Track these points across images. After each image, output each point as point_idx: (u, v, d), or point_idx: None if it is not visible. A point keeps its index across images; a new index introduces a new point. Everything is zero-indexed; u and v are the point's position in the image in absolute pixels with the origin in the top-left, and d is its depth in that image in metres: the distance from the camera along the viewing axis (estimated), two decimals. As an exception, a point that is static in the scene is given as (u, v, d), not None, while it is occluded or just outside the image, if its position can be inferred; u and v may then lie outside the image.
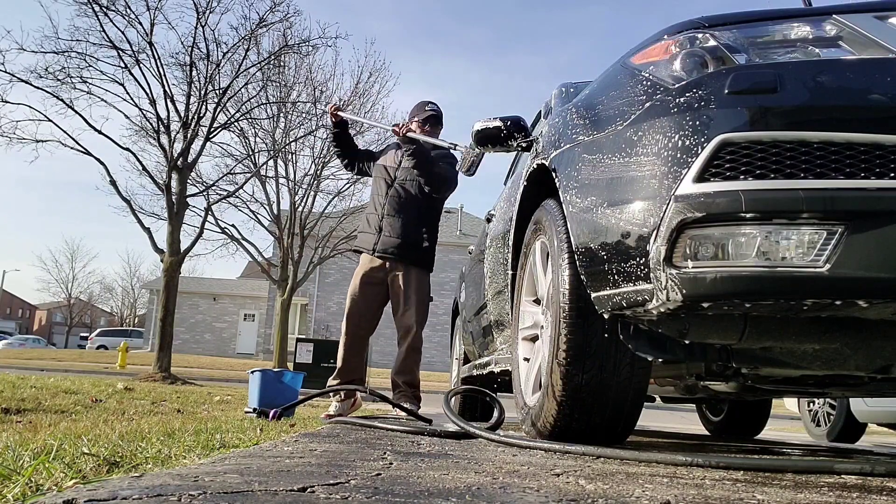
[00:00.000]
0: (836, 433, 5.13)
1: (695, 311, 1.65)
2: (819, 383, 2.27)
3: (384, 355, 26.97)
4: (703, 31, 1.77)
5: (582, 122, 2.06)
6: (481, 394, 3.36)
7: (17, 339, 39.98)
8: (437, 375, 21.21)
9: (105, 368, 16.39)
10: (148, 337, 31.83)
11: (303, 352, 12.47)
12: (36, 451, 1.38)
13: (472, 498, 1.00)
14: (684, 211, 1.57)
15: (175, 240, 12.47)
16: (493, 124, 2.85)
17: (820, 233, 1.48)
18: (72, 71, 11.97)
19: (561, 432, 2.04)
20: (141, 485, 0.95)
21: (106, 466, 1.27)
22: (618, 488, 1.18)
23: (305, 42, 13.98)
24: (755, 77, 1.61)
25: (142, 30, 12.23)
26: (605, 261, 1.79)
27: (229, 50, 13.03)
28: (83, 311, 58.31)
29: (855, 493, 1.30)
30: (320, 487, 1.00)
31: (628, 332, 1.87)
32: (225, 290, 34.16)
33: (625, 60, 2.00)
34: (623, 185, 1.75)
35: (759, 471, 1.58)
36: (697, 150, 1.58)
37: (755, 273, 1.52)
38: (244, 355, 30.15)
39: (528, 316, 2.45)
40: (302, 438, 2.01)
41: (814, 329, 1.69)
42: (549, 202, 2.24)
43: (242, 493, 0.92)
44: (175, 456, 1.47)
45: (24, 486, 0.97)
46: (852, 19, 1.68)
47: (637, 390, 2.00)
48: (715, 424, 4.89)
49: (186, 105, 12.76)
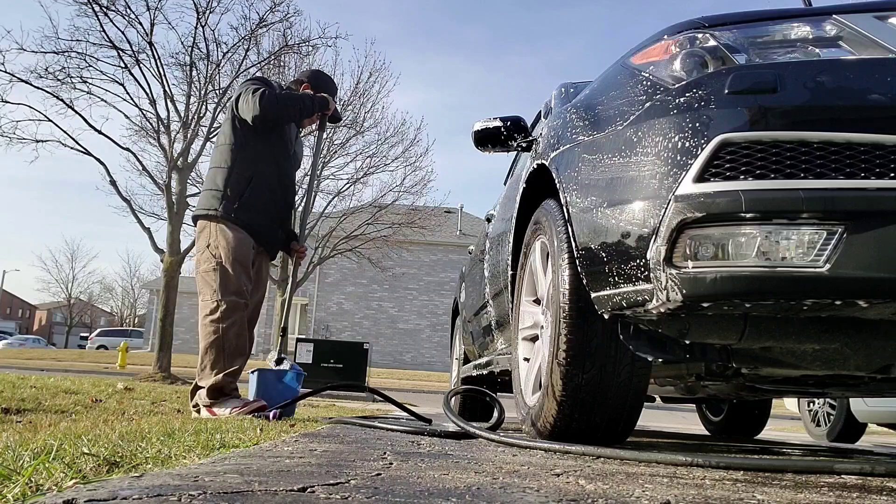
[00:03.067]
0: (836, 433, 5.13)
1: (695, 311, 1.65)
2: (819, 383, 2.27)
3: (384, 355, 27.04)
4: (703, 31, 1.77)
5: (582, 123, 2.06)
6: (481, 394, 3.36)
7: (17, 339, 40.00)
8: (437, 375, 21.21)
9: (105, 368, 16.40)
10: (148, 337, 31.82)
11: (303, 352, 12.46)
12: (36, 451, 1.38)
13: (472, 498, 1.00)
14: (684, 211, 1.57)
15: (175, 240, 12.48)
16: (493, 124, 2.85)
17: (820, 233, 1.48)
18: (72, 71, 12.00)
19: (561, 432, 2.04)
20: (141, 485, 0.95)
21: (106, 466, 1.27)
22: (618, 488, 1.18)
23: (305, 42, 13.99)
24: (755, 77, 1.61)
25: (142, 30, 12.25)
26: (605, 261, 1.79)
27: (229, 50, 13.05)
28: (83, 311, 58.32)
29: (855, 493, 1.30)
30: (320, 487, 1.00)
31: (628, 333, 1.87)
32: (225, 290, 34.10)
33: (625, 60, 2.00)
34: (623, 186, 1.75)
35: (759, 471, 1.58)
36: (697, 150, 1.58)
37: (755, 273, 1.52)
38: (244, 355, 30.12)
39: (528, 316, 2.45)
40: (302, 438, 2.01)
41: (814, 329, 1.69)
42: (549, 202, 2.24)
43: (242, 493, 0.92)
44: (175, 456, 1.47)
45: (24, 486, 0.97)
46: (852, 19, 1.69)
47: (637, 390, 2.00)
48: (715, 424, 4.89)
49: (186, 105, 12.77)
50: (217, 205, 3.27)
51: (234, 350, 3.15)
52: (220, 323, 3.13)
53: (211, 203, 3.29)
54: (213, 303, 3.16)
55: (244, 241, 3.28)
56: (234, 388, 3.16)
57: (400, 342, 28.73)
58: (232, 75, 13.27)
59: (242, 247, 3.26)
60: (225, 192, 3.27)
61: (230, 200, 3.26)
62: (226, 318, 3.13)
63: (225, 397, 3.11)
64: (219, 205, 3.26)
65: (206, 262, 3.23)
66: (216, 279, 3.18)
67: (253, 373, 3.84)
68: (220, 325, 3.13)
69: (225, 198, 3.26)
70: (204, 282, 3.23)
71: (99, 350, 30.63)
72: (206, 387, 3.12)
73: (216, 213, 3.26)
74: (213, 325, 3.14)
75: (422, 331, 28.86)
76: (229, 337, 3.14)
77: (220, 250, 3.21)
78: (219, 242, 3.23)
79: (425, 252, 28.53)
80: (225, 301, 3.15)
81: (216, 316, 3.14)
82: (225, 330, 3.13)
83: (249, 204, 3.29)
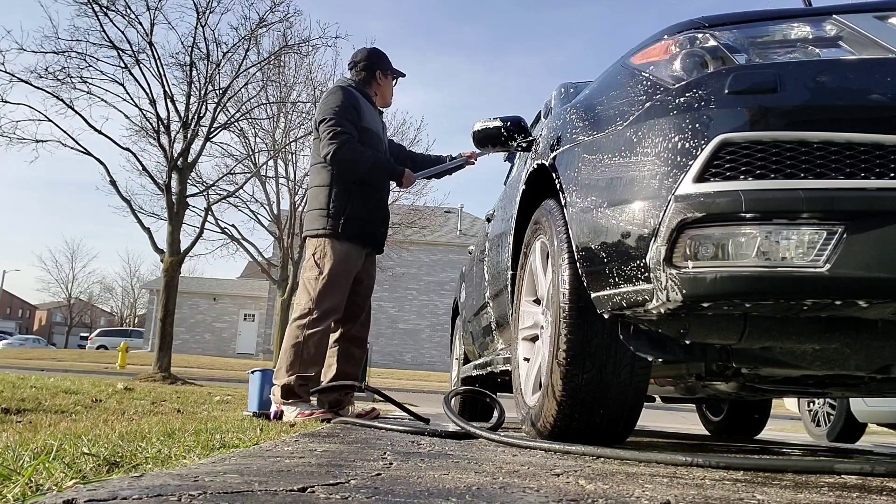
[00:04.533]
0: (836, 433, 5.12)
1: (695, 312, 1.65)
2: (819, 383, 2.27)
3: (384, 355, 27.05)
4: (704, 31, 1.77)
5: (582, 123, 2.06)
6: (481, 394, 3.36)
7: (17, 339, 40.00)
8: (437, 375, 21.22)
9: (105, 368, 16.40)
10: (148, 337, 31.83)
11: (303, 352, 12.44)
12: (36, 451, 1.38)
13: (472, 498, 1.00)
14: (684, 211, 1.57)
15: (175, 240, 12.47)
16: (493, 124, 2.85)
17: (820, 233, 1.48)
18: (72, 71, 11.96)
19: (561, 432, 2.04)
20: (141, 485, 0.95)
21: (106, 466, 1.27)
22: (618, 488, 1.18)
23: (305, 42, 13.96)
24: (755, 77, 1.61)
25: (142, 30, 12.22)
26: (605, 261, 1.79)
27: (229, 50, 13.02)
28: (83, 311, 58.31)
29: (855, 493, 1.30)
30: (320, 487, 1.00)
31: (628, 333, 1.87)
32: (225, 290, 34.17)
33: (625, 60, 2.00)
34: (623, 186, 1.75)
35: (759, 471, 1.58)
36: (697, 150, 1.58)
37: (755, 273, 1.52)
38: (244, 355, 30.16)
39: (528, 316, 2.45)
40: (302, 438, 2.01)
41: (814, 329, 1.69)
42: (549, 202, 2.24)
43: (242, 493, 0.92)
44: (175, 456, 1.47)
45: (24, 486, 0.97)
46: (852, 19, 1.68)
47: (637, 390, 2.00)
48: (715, 424, 4.89)
49: (186, 105, 12.76)
50: (325, 223, 3.36)
51: (311, 358, 3.24)
52: (305, 329, 3.24)
53: (318, 223, 3.39)
54: (305, 308, 3.28)
55: (351, 254, 3.38)
56: (305, 391, 3.25)
57: (400, 342, 28.73)
58: (232, 75, 13.27)
59: (349, 261, 3.38)
60: (328, 210, 3.36)
61: (335, 218, 3.35)
62: (312, 327, 3.24)
63: (296, 398, 3.21)
64: (326, 223, 3.36)
65: (311, 269, 3.35)
66: (315, 288, 3.29)
67: (253, 372, 3.85)
68: (306, 331, 3.24)
69: (330, 216, 3.36)
70: (304, 287, 3.35)
71: (99, 350, 30.63)
72: (280, 385, 3.23)
73: (325, 231, 3.36)
74: (299, 329, 3.25)
75: (422, 331, 28.86)
76: (309, 345, 3.23)
77: (326, 262, 3.31)
78: (325, 254, 3.33)
79: (425, 252, 28.53)
80: (317, 311, 3.25)
81: (304, 322, 3.26)
82: (307, 337, 3.23)
83: (355, 216, 3.37)
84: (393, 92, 3.74)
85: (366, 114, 3.47)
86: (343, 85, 3.56)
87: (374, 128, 3.52)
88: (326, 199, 3.37)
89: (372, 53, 3.67)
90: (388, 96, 3.71)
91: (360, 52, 3.70)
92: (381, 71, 3.63)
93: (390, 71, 3.68)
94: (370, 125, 3.48)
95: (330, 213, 3.35)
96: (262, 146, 16.93)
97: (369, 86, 3.61)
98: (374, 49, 3.71)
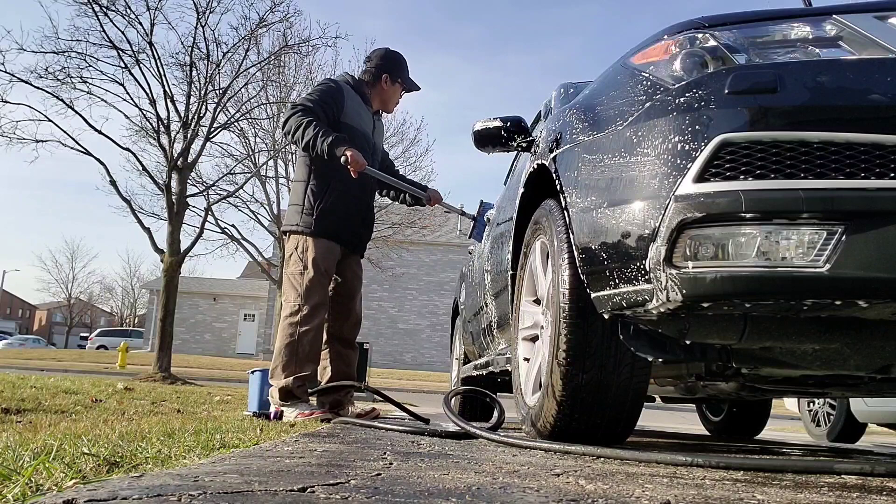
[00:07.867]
0: (836, 433, 5.12)
1: (695, 312, 1.65)
2: (819, 383, 2.27)
3: (384, 355, 27.04)
4: (703, 31, 1.77)
5: (582, 123, 2.06)
6: (481, 394, 3.36)
7: (17, 339, 40.00)
8: (437, 375, 21.21)
9: (105, 368, 16.39)
10: (148, 337, 31.82)
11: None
12: (36, 451, 1.38)
13: (472, 498, 1.00)
14: (684, 211, 1.57)
15: (175, 240, 12.46)
16: (493, 124, 2.85)
17: (820, 233, 1.48)
18: (72, 71, 11.96)
19: (561, 432, 2.04)
20: (141, 485, 0.95)
21: (106, 466, 1.27)
22: (618, 488, 1.18)
23: (305, 42, 13.97)
24: (755, 77, 1.61)
25: (142, 30, 12.22)
26: (605, 261, 1.79)
27: (229, 50, 13.03)
28: (83, 311, 58.32)
29: (855, 493, 1.30)
30: (320, 487, 1.00)
31: (628, 333, 1.87)
32: (225, 290, 34.17)
33: (625, 60, 2.00)
34: (623, 186, 1.75)
35: (759, 471, 1.58)
36: (697, 150, 1.58)
37: (755, 273, 1.52)
38: (244, 355, 30.16)
39: (528, 316, 2.45)
40: (302, 438, 2.01)
41: (814, 329, 1.69)
42: (549, 202, 2.24)
43: (242, 493, 0.92)
44: (175, 456, 1.47)
45: (24, 486, 0.97)
46: (852, 19, 1.68)
47: (637, 390, 2.00)
48: (715, 424, 4.89)
49: (186, 105, 12.76)
50: (299, 219, 3.35)
51: (306, 355, 3.22)
52: (299, 326, 3.21)
53: (295, 218, 3.37)
54: (295, 305, 3.24)
55: (330, 249, 3.35)
56: (304, 391, 3.24)
57: (400, 342, 28.73)
58: (232, 75, 13.28)
59: (328, 256, 3.34)
60: (303, 206, 3.35)
61: (309, 214, 3.33)
62: (305, 323, 3.21)
63: (295, 400, 3.19)
64: (299, 219, 3.35)
65: (295, 264, 3.32)
66: (302, 283, 3.26)
67: (253, 372, 3.84)
68: (299, 328, 3.21)
69: (304, 212, 3.34)
70: (290, 284, 3.31)
71: (99, 350, 30.62)
72: (277, 387, 3.21)
73: (299, 228, 3.34)
74: (292, 327, 3.22)
75: (422, 331, 28.86)
76: (304, 343, 3.21)
77: (308, 256, 3.29)
78: (307, 248, 3.31)
79: (425, 252, 28.54)
80: (307, 306, 3.22)
81: (296, 319, 3.22)
82: (302, 334, 3.20)
83: (330, 212, 3.34)
84: (398, 101, 3.67)
85: (350, 110, 3.41)
86: (333, 77, 3.54)
87: (360, 126, 3.46)
88: (302, 195, 3.36)
89: (386, 55, 3.61)
90: (390, 103, 3.65)
91: (377, 50, 3.67)
92: (390, 76, 3.56)
93: (400, 79, 3.60)
94: (353, 122, 3.42)
95: (304, 209, 3.34)
96: (262, 146, 16.96)
97: (369, 86, 3.57)
98: (392, 52, 3.64)
